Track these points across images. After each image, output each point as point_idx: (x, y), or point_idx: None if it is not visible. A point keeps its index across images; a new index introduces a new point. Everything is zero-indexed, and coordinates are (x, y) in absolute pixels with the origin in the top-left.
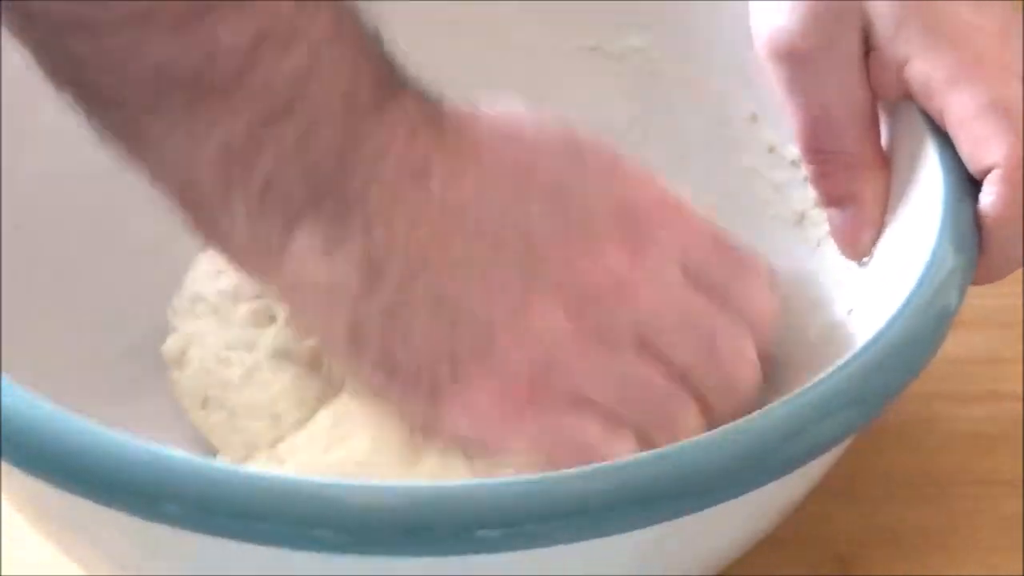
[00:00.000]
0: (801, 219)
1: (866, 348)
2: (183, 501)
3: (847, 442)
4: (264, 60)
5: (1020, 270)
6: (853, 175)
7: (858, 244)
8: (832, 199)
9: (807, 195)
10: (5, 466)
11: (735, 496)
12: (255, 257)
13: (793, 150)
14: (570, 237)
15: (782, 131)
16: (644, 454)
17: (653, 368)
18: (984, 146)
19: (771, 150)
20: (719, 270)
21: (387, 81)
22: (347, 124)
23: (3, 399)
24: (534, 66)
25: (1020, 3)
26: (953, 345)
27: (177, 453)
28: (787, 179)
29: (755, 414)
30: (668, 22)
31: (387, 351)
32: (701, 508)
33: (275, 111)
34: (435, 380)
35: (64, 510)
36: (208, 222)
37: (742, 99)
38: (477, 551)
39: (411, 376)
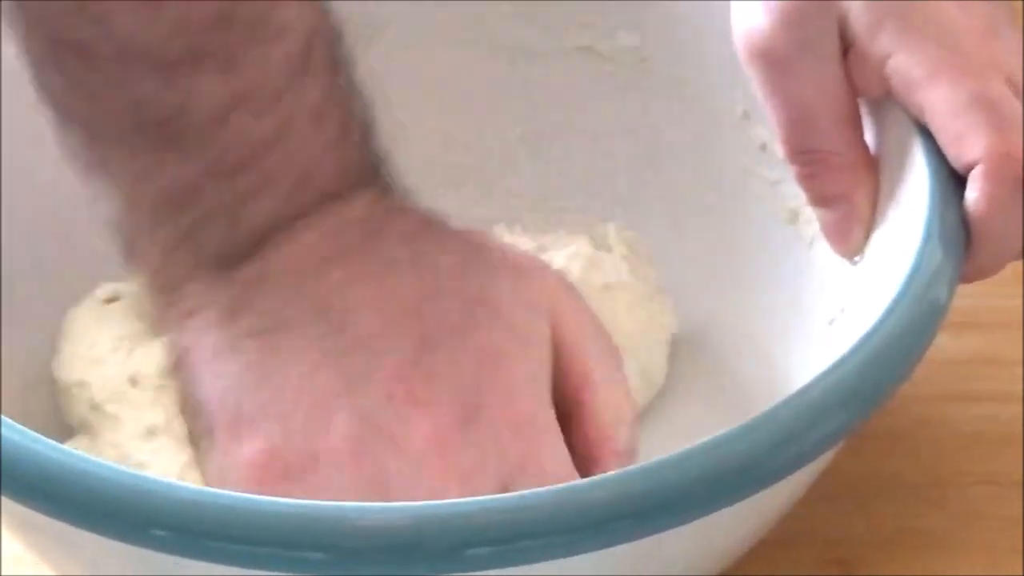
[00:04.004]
0: (794, 217)
1: (855, 350)
2: (171, 526)
3: (841, 444)
4: (236, 121)
5: (1021, 272)
6: (840, 174)
7: (849, 243)
8: (820, 199)
9: (800, 193)
10: None
11: (728, 505)
12: (154, 283)
13: None
14: (407, 385)
15: (774, 129)
16: (634, 467)
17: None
18: (966, 142)
19: (763, 148)
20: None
21: (351, 174)
22: (290, 201)
23: None
24: (526, 67)
25: (1006, 1)
26: (954, 346)
27: (164, 479)
28: (780, 177)
29: (749, 420)
30: (659, 22)
31: (193, 380)
32: (692, 520)
33: (226, 169)
34: (213, 422)
35: (56, 534)
36: (131, 248)
37: (733, 97)
38: (468, 569)
39: (198, 411)
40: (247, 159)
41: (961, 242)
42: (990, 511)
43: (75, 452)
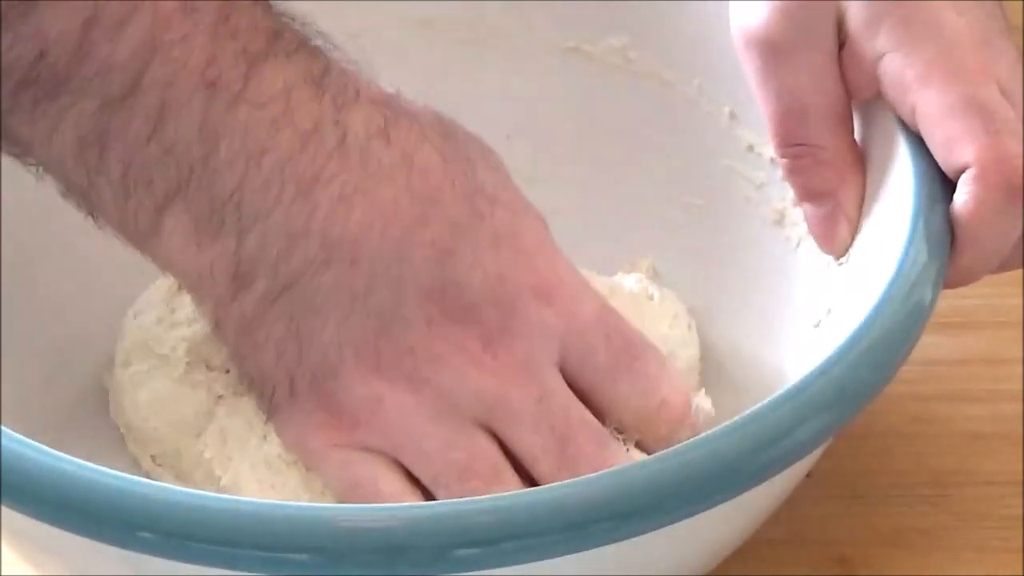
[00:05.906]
0: (780, 219)
1: (839, 352)
2: (156, 528)
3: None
4: (97, 45)
5: (1021, 272)
6: (827, 170)
7: (835, 240)
8: (806, 194)
9: (786, 194)
10: None
11: (713, 506)
12: (129, 237)
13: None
14: (440, 305)
15: (761, 130)
16: (617, 467)
17: (481, 449)
18: (957, 145)
19: (750, 149)
20: (607, 356)
21: (261, 51)
22: (208, 105)
23: None
24: (513, 66)
25: (1002, 3)
26: (953, 346)
27: (151, 482)
28: (766, 178)
29: (733, 421)
30: (646, 22)
31: (240, 355)
32: (677, 520)
33: (116, 96)
34: (275, 394)
35: (41, 536)
36: (87, 204)
37: (720, 98)
38: (453, 570)
39: (257, 383)
40: (132, 79)
41: (946, 244)
42: (990, 511)
43: (59, 454)
